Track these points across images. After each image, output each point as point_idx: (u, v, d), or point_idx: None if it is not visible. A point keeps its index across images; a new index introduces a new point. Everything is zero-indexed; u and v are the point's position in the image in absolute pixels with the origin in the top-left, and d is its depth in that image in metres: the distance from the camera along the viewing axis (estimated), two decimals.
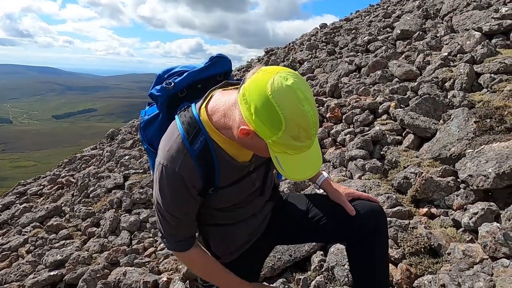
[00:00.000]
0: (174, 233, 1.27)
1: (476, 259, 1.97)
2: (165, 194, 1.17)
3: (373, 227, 1.44)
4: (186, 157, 1.13)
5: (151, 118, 1.39)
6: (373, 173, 3.54)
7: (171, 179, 1.14)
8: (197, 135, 1.14)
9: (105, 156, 8.10)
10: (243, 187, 1.30)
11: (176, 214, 1.21)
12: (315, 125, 1.00)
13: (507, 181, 2.47)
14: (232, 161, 1.21)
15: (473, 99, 3.88)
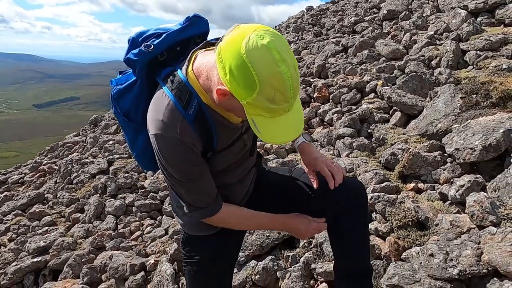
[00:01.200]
0: (204, 199, 1.22)
1: (464, 228, 1.98)
2: (175, 163, 1.12)
3: (354, 202, 1.42)
4: (183, 123, 1.09)
5: (126, 87, 1.29)
6: (360, 150, 3.53)
7: (175, 147, 1.09)
8: (190, 100, 1.09)
9: (88, 142, 7.90)
10: (237, 149, 1.28)
11: (193, 177, 1.16)
12: (293, 88, 0.95)
13: (493, 153, 2.48)
14: (227, 123, 1.18)
15: (459, 76, 3.88)
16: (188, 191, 1.19)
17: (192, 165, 1.14)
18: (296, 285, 2.38)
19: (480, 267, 1.67)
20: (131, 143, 1.38)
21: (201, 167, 1.18)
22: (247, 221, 1.34)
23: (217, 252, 1.44)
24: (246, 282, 2.56)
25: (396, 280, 1.82)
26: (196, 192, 1.20)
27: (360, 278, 1.49)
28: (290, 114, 1.02)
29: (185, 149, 1.10)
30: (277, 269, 2.52)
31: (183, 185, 1.18)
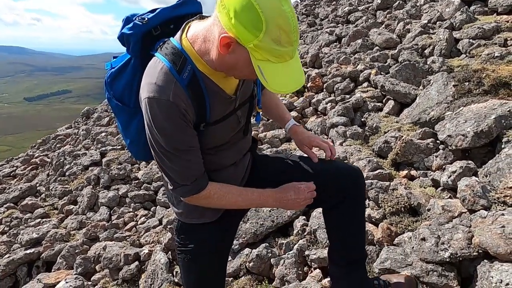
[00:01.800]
0: (190, 174, 1.18)
1: (455, 213, 1.99)
2: (165, 129, 1.09)
3: (352, 190, 1.42)
4: (177, 86, 1.06)
5: (119, 68, 1.26)
6: (354, 139, 3.54)
7: (167, 110, 1.06)
8: (184, 64, 1.08)
9: (80, 134, 7.82)
10: (230, 125, 1.25)
11: (182, 148, 1.13)
12: (295, 29, 0.97)
13: (484, 139, 2.50)
14: (221, 93, 1.17)
15: (452, 64, 3.89)
16: (174, 164, 1.15)
17: (182, 133, 1.11)
18: (290, 271, 2.40)
19: (470, 249, 1.69)
20: (125, 129, 1.34)
21: (191, 139, 1.15)
22: (235, 198, 1.28)
23: (212, 240, 1.42)
24: (240, 270, 2.57)
25: (388, 264, 1.84)
26: (183, 166, 1.16)
27: (355, 264, 1.50)
28: (294, 62, 1.03)
29: (178, 113, 1.07)
30: (271, 256, 2.53)
31: (170, 157, 1.14)
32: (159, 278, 2.84)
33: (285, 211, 2.85)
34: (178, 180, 1.19)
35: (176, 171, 1.17)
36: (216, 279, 1.52)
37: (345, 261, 1.49)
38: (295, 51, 1.03)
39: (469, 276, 1.74)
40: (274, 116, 1.66)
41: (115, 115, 1.34)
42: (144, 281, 2.99)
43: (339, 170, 1.44)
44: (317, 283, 2.18)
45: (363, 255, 1.53)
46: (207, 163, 1.26)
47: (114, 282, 3.17)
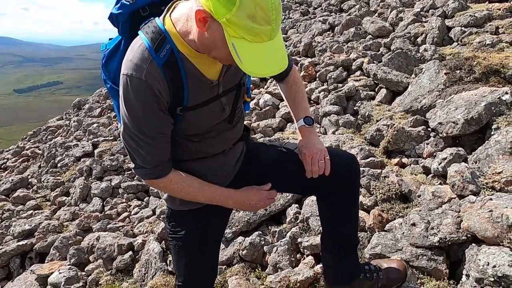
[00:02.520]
0: (150, 159, 1.16)
1: (445, 198, 2.02)
2: (135, 109, 1.07)
3: (347, 178, 1.41)
4: (152, 65, 1.04)
5: (112, 49, 1.25)
6: (346, 127, 3.55)
7: (139, 90, 1.04)
8: (162, 43, 1.05)
9: (72, 126, 7.74)
10: (213, 111, 1.21)
11: (149, 133, 1.10)
12: (274, 7, 0.92)
13: (474, 126, 2.52)
14: (201, 77, 1.13)
15: (444, 52, 3.90)
16: (139, 146, 1.13)
17: (152, 117, 1.08)
18: (283, 258, 2.42)
19: (459, 234, 1.72)
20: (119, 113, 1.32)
21: (160, 124, 1.12)
22: (195, 192, 1.26)
23: (202, 227, 1.41)
24: (233, 258, 2.59)
25: (379, 249, 1.86)
26: (146, 150, 1.13)
27: (347, 251, 1.51)
28: (274, 43, 0.98)
29: (149, 92, 1.05)
30: (264, 244, 2.55)
31: (135, 139, 1.12)
32: (153, 267, 2.85)
33: (278, 200, 2.86)
34: (139, 162, 1.17)
35: (139, 153, 1.15)
36: (208, 265, 1.52)
37: (338, 247, 1.51)
38: (275, 32, 0.97)
39: (458, 260, 1.78)
40: (291, 107, 1.55)
41: (111, 97, 1.32)
42: (138, 270, 3.00)
43: (334, 158, 1.40)
44: (309, 270, 2.20)
45: (355, 242, 1.55)
46: (193, 151, 1.26)
47: (108, 272, 3.18)
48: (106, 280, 3.09)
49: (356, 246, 1.57)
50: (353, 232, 1.52)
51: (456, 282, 1.68)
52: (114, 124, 6.74)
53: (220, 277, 2.45)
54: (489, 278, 1.48)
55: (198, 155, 1.28)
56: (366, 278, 1.50)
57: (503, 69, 3.11)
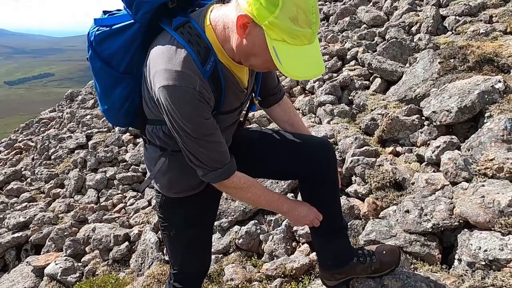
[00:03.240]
0: (220, 157, 1.18)
1: (438, 186, 2.05)
2: (192, 117, 1.07)
3: (322, 160, 1.44)
4: (201, 78, 1.05)
5: (117, 29, 1.17)
6: (341, 117, 3.56)
7: (192, 98, 1.04)
8: (207, 56, 1.06)
9: (65, 117, 7.67)
10: (233, 117, 1.27)
11: (209, 132, 1.12)
12: (315, 10, 0.95)
13: (468, 115, 2.54)
14: (237, 85, 1.18)
15: (438, 41, 3.90)
16: (204, 148, 1.14)
17: (208, 119, 1.10)
18: (279, 247, 2.45)
19: (452, 220, 1.75)
20: (105, 94, 1.28)
21: (214, 122, 1.14)
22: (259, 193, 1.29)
23: (194, 214, 1.43)
24: (230, 246, 2.61)
25: (373, 235, 1.89)
26: (213, 149, 1.16)
27: (334, 233, 1.53)
28: (312, 48, 0.99)
29: (203, 101, 1.06)
30: (260, 232, 2.57)
31: (199, 142, 1.12)
32: (150, 257, 2.86)
33: (274, 189, 2.88)
34: (209, 163, 1.17)
35: (206, 155, 1.16)
36: (202, 252, 1.54)
37: (324, 231, 1.52)
38: (314, 36, 0.98)
39: (450, 245, 1.81)
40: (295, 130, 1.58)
41: (95, 77, 1.26)
42: (134, 260, 3.02)
43: (310, 143, 1.46)
44: (305, 257, 2.23)
45: (341, 225, 1.55)
46: None
47: (104, 263, 3.20)
48: (103, 270, 3.11)
49: (344, 230, 1.58)
50: (335, 215, 1.53)
51: (448, 266, 1.71)
52: None
53: (217, 265, 2.48)
54: (481, 262, 1.51)
55: None
56: (359, 262, 1.52)
57: (496, 57, 3.13)
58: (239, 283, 2.19)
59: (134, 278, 2.82)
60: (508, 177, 1.82)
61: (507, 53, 3.13)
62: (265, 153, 1.46)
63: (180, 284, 1.54)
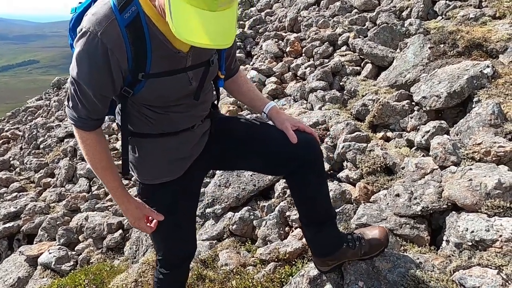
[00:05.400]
0: (81, 109, 1.14)
1: (427, 170, 2.09)
2: (83, 63, 1.05)
3: (306, 157, 1.43)
4: (113, 24, 1.01)
5: (80, 12, 1.18)
6: (333, 103, 3.58)
7: (92, 46, 1.02)
8: (128, 3, 1.02)
9: (52, 106, 7.52)
10: (178, 83, 1.18)
11: (89, 90, 1.09)
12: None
13: (456, 100, 2.58)
14: (167, 43, 1.10)
15: (429, 26, 3.91)
16: (76, 94, 1.12)
17: (97, 73, 1.06)
18: (272, 232, 2.49)
19: (440, 203, 1.80)
20: None
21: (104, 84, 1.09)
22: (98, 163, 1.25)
23: (172, 199, 1.40)
24: (223, 232, 2.64)
25: (364, 219, 1.93)
26: (81, 101, 1.12)
27: (324, 224, 1.54)
28: (216, 18, 0.91)
29: (101, 51, 1.02)
30: (253, 218, 2.60)
31: (77, 86, 1.10)
32: (144, 245, 2.88)
33: (266, 176, 2.91)
34: (71, 103, 1.16)
35: (73, 98, 1.14)
36: (184, 237, 1.53)
37: (314, 223, 1.54)
38: (217, 4, 0.90)
39: (439, 227, 1.87)
40: (249, 99, 1.55)
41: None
42: (129, 248, 3.03)
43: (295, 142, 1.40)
44: (298, 241, 2.28)
45: (331, 215, 1.57)
46: (158, 124, 1.24)
47: (98, 251, 3.21)
48: (97, 258, 3.13)
49: (333, 219, 1.58)
50: (325, 207, 1.54)
51: (437, 247, 1.77)
52: None
53: (211, 251, 2.51)
54: (467, 243, 1.57)
55: (164, 129, 1.27)
56: (348, 247, 1.56)
57: (485, 42, 3.16)
58: (233, 267, 2.23)
59: (129, 265, 2.84)
60: (494, 160, 1.87)
61: (496, 38, 3.16)
62: (249, 148, 1.43)
63: (166, 269, 1.55)
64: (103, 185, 1.34)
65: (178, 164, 1.36)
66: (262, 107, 1.49)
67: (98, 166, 1.25)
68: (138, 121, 1.25)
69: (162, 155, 1.31)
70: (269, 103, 1.49)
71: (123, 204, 1.31)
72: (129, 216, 1.33)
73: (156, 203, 1.39)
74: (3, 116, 9.50)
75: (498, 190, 1.60)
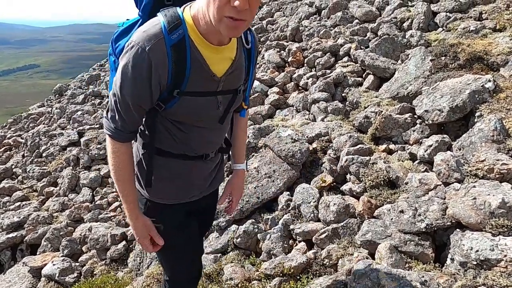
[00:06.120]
0: (119, 120, 1.22)
1: (431, 186, 2.11)
2: (128, 75, 1.13)
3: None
4: (160, 42, 1.11)
5: (127, 27, 1.35)
6: (335, 114, 3.60)
7: (139, 59, 1.10)
8: (176, 26, 1.13)
9: (54, 113, 7.54)
10: (207, 104, 1.26)
11: (129, 100, 1.17)
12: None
13: (459, 114, 2.61)
14: (205, 66, 1.19)
15: (430, 38, 3.95)
16: (115, 104, 1.19)
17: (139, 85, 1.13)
18: (276, 245, 2.50)
19: (445, 220, 1.82)
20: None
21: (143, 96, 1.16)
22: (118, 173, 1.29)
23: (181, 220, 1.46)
24: (228, 245, 2.66)
25: (369, 236, 1.95)
26: (120, 112, 1.20)
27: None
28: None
29: (146, 65, 1.11)
30: (258, 231, 2.62)
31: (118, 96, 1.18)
32: (148, 257, 2.89)
33: (270, 188, 2.93)
34: (109, 113, 1.24)
35: (113, 107, 1.22)
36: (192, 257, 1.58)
37: None
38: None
39: (443, 244, 1.89)
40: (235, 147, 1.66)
41: (111, 70, 1.42)
42: (132, 259, 3.04)
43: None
44: (302, 255, 2.29)
45: None
46: (178, 142, 1.30)
47: (102, 262, 3.22)
48: (101, 270, 3.13)
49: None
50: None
51: (441, 264, 1.79)
52: (99, 111, 6.61)
53: (216, 265, 2.52)
54: (472, 262, 1.58)
55: (182, 149, 1.33)
56: None
57: (486, 56, 3.19)
58: (238, 282, 2.24)
59: (133, 278, 2.85)
60: (498, 177, 1.89)
61: (496, 51, 3.19)
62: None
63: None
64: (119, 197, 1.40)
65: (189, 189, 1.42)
66: (236, 161, 1.66)
67: (122, 178, 1.30)
68: (162, 136, 1.31)
69: (179, 177, 1.37)
70: (242, 164, 1.67)
71: (134, 219, 1.35)
72: (136, 232, 1.37)
73: (167, 220, 1.42)
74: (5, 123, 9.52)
75: (502, 209, 1.61)
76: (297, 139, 3.14)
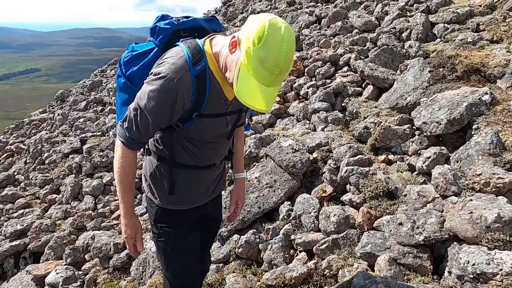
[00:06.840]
0: (135, 132, 1.35)
1: (429, 198, 2.16)
2: (154, 99, 1.27)
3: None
4: (186, 74, 1.27)
5: (140, 53, 1.46)
6: (335, 124, 3.66)
7: (168, 88, 1.26)
8: (199, 60, 1.30)
9: (56, 119, 7.59)
10: (218, 124, 1.45)
11: (150, 118, 1.31)
12: (282, 64, 1.13)
13: (456, 126, 2.66)
14: (220, 93, 1.37)
15: (428, 49, 4.02)
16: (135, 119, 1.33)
17: (162, 109, 1.28)
18: (277, 255, 2.54)
19: (442, 233, 1.86)
20: (122, 107, 1.50)
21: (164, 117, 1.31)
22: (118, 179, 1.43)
23: (193, 223, 1.62)
24: (230, 255, 2.70)
25: (369, 248, 1.99)
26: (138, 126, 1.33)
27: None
28: (270, 90, 1.20)
29: (173, 94, 1.26)
30: (259, 241, 2.66)
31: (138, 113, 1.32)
32: (151, 266, 2.93)
33: (271, 197, 2.97)
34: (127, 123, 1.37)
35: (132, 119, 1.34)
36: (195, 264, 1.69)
37: None
38: (273, 83, 1.17)
39: (440, 256, 1.93)
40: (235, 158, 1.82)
41: (119, 91, 1.54)
42: (135, 268, 3.08)
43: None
44: (303, 266, 2.33)
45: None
46: (192, 155, 1.46)
47: (105, 271, 3.25)
48: (104, 278, 3.16)
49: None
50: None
51: (439, 276, 1.83)
52: (101, 118, 6.66)
53: (218, 274, 2.56)
54: (469, 275, 1.63)
55: (194, 160, 1.48)
56: None
57: (483, 68, 3.26)
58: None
59: (136, 287, 2.88)
60: (494, 191, 1.94)
61: (493, 63, 3.26)
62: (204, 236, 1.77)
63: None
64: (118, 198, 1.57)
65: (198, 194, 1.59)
66: (236, 171, 1.84)
67: (125, 181, 1.44)
68: (177, 150, 1.47)
69: (191, 185, 1.54)
70: (242, 173, 1.86)
71: (128, 218, 1.49)
72: (126, 230, 1.50)
73: (176, 226, 1.58)
74: (7, 128, 9.56)
75: (498, 224, 1.66)
76: (297, 149, 3.19)
